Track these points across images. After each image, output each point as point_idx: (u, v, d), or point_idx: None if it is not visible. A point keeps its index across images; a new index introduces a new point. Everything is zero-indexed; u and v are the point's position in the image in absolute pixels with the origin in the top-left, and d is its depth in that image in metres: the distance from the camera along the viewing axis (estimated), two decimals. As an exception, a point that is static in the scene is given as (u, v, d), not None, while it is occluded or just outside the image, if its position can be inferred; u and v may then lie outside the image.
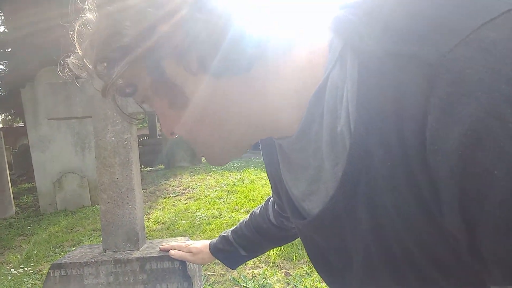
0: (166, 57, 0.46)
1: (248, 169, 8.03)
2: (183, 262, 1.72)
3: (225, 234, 1.21)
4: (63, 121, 5.51)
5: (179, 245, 1.47)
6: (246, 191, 5.99)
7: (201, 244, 1.33)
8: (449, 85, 0.30)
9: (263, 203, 1.11)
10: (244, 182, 6.73)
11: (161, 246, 1.70)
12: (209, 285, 3.17)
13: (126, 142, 1.81)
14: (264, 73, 0.47)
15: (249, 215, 1.15)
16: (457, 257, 0.37)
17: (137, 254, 1.76)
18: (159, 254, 1.74)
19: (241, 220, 1.19)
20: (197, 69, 0.46)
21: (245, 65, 0.45)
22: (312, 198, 0.52)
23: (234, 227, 1.20)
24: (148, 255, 1.74)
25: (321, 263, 0.59)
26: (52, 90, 1.78)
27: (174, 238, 1.97)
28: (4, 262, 4.15)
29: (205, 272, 3.41)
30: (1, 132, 6.27)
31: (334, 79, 0.43)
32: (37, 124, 6.01)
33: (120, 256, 1.75)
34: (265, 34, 0.45)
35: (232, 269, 1.41)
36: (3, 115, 12.30)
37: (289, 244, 3.63)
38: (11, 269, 3.89)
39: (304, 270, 3.22)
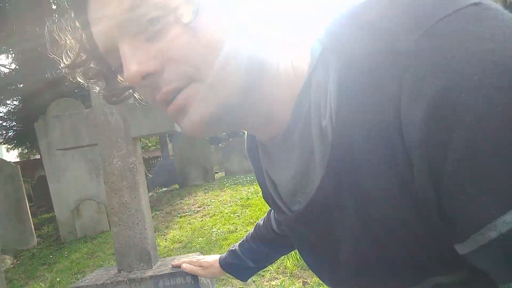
0: None
1: (261, 181, 8.04)
2: (195, 277, 1.76)
3: (233, 248, 1.25)
4: (76, 149, 5.65)
5: (190, 260, 1.52)
6: (260, 204, 6.01)
7: (212, 258, 1.38)
8: (417, 68, 0.36)
9: (266, 214, 1.15)
10: (258, 195, 6.75)
11: (173, 263, 1.75)
12: (228, 299, 3.20)
13: (132, 165, 1.88)
14: (263, 80, 0.48)
15: (254, 227, 1.20)
16: (431, 227, 0.41)
17: (150, 273, 1.81)
18: (172, 271, 1.79)
19: (248, 233, 1.23)
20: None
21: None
22: (299, 194, 0.55)
23: (241, 240, 1.24)
24: (161, 273, 1.79)
25: (311, 257, 0.62)
26: (59, 122, 1.87)
27: (187, 255, 2.02)
28: (29, 292, 4.24)
29: (223, 287, 3.43)
30: (19, 166, 6.46)
31: (318, 79, 0.47)
32: (51, 154, 6.18)
33: (134, 275, 1.81)
34: (258, 48, 0.46)
35: (243, 281, 1.45)
36: (20, 149, 12.64)
37: (305, 252, 3.62)
38: (36, 299, 3.98)
39: (321, 277, 3.22)
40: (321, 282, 3.03)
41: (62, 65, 0.55)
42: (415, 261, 0.44)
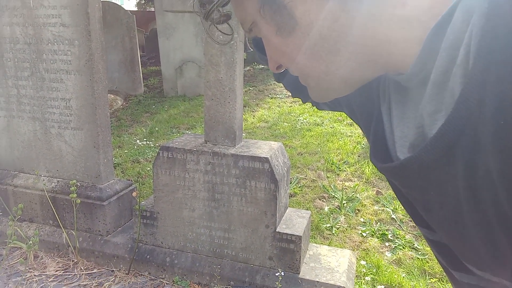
0: None
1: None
2: (272, 166, 1.81)
3: None
4: (186, 12, 5.76)
5: None
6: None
7: None
8: None
9: None
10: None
11: None
12: (299, 187, 3.35)
13: (232, 42, 1.82)
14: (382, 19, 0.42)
15: None
16: None
17: (232, 151, 1.90)
18: (252, 154, 1.85)
19: None
20: None
21: None
22: (402, 143, 0.49)
23: None
24: (242, 153, 1.86)
25: (404, 204, 0.57)
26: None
27: (268, 142, 2.06)
28: (133, 133, 4.89)
29: (297, 174, 3.57)
30: (134, 16, 6.85)
31: (463, 10, 0.37)
32: (163, 11, 6.38)
33: (218, 149, 1.91)
34: None
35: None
36: (138, -1, 13.27)
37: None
38: (137, 140, 4.58)
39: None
40: (394, 195, 2.99)
41: None
42: None
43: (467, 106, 0.35)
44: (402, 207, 0.64)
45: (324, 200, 3.16)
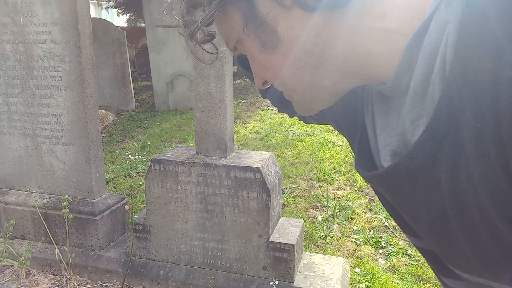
0: None
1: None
2: (263, 175, 1.82)
3: None
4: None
5: None
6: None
7: None
8: None
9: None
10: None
11: None
12: (292, 197, 3.36)
13: (221, 55, 1.86)
14: (362, 9, 0.43)
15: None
16: None
17: (224, 161, 1.91)
18: (243, 165, 1.86)
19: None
20: (291, 3, 0.44)
21: None
22: (386, 151, 0.50)
23: None
24: (234, 164, 1.88)
25: (391, 212, 0.58)
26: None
27: (259, 152, 2.08)
28: (124, 148, 4.88)
29: (290, 185, 3.59)
30: (125, 32, 6.89)
31: (437, 21, 0.39)
32: (153, 26, 6.43)
33: (210, 161, 1.93)
34: None
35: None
36: (128, 15, 13.30)
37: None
38: (129, 155, 4.58)
39: (389, 200, 3.19)
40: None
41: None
42: (506, 249, 0.40)
43: (446, 111, 0.36)
44: (391, 217, 0.65)
45: (318, 209, 3.18)
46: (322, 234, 2.76)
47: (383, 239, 2.70)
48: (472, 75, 0.34)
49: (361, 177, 3.55)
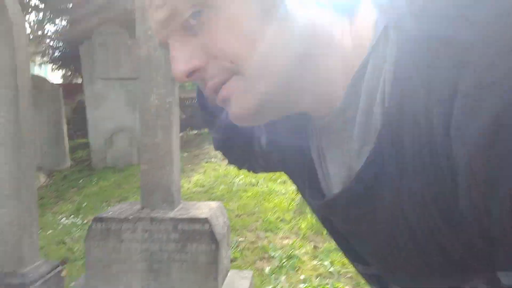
0: None
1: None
2: (212, 226, 1.81)
3: None
4: (117, 79, 5.76)
5: None
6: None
7: None
8: (478, 73, 0.31)
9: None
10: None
11: None
12: (239, 250, 3.31)
13: (168, 106, 1.89)
14: (319, 48, 0.45)
15: None
16: (469, 242, 0.38)
17: (171, 214, 1.88)
18: (191, 216, 1.84)
19: None
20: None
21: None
22: (336, 179, 0.53)
23: None
24: (181, 216, 1.85)
25: (340, 242, 0.61)
26: (103, 51, 1.88)
27: (207, 203, 2.07)
28: (57, 212, 4.55)
29: (236, 237, 3.55)
30: (61, 88, 6.69)
31: (376, 59, 0.43)
32: (92, 81, 6.30)
33: (156, 214, 1.88)
34: (314, 14, 0.44)
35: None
36: (64, 70, 12.96)
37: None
38: (63, 219, 4.27)
39: (333, 244, 3.26)
40: (331, 248, 3.06)
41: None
42: (453, 263, 0.42)
43: (387, 138, 0.40)
44: (338, 248, 0.68)
45: (265, 260, 3.16)
46: (270, 287, 2.73)
47: (329, 285, 2.73)
48: (408, 107, 0.38)
49: (306, 224, 3.61)
